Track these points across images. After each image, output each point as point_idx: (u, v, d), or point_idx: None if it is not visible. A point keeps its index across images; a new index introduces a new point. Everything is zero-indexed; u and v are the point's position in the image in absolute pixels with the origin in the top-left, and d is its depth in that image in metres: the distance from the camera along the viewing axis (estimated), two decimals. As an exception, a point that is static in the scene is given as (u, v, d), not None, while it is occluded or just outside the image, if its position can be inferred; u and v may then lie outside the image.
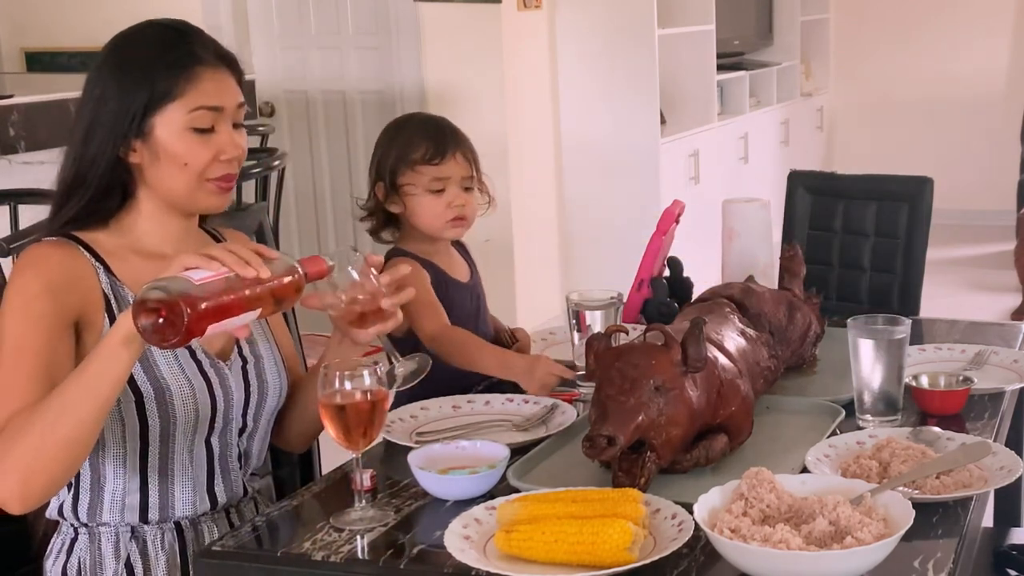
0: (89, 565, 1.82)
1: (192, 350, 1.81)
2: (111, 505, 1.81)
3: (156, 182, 1.80)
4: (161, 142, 1.78)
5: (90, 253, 1.79)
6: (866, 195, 3.18)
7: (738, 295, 2.16)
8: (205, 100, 1.78)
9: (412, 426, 2.03)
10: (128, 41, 1.83)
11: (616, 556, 1.45)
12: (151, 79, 1.77)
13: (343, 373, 1.64)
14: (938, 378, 2.07)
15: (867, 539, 1.43)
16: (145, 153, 1.79)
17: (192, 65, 1.78)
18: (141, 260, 1.82)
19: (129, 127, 1.77)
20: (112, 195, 1.81)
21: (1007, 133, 7.27)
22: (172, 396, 1.78)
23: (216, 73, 1.81)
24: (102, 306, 1.77)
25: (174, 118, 1.77)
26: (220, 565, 1.61)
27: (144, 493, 1.81)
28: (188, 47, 1.80)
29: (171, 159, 1.78)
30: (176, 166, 1.78)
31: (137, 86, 1.77)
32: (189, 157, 1.78)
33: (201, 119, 1.78)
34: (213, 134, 1.80)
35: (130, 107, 1.77)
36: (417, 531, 1.64)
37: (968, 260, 6.83)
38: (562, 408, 2.04)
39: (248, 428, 1.90)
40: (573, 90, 5.75)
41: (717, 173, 6.32)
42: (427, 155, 2.34)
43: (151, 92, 1.77)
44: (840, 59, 8.13)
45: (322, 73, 5.61)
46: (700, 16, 6.24)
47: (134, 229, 1.83)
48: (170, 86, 1.77)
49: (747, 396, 1.85)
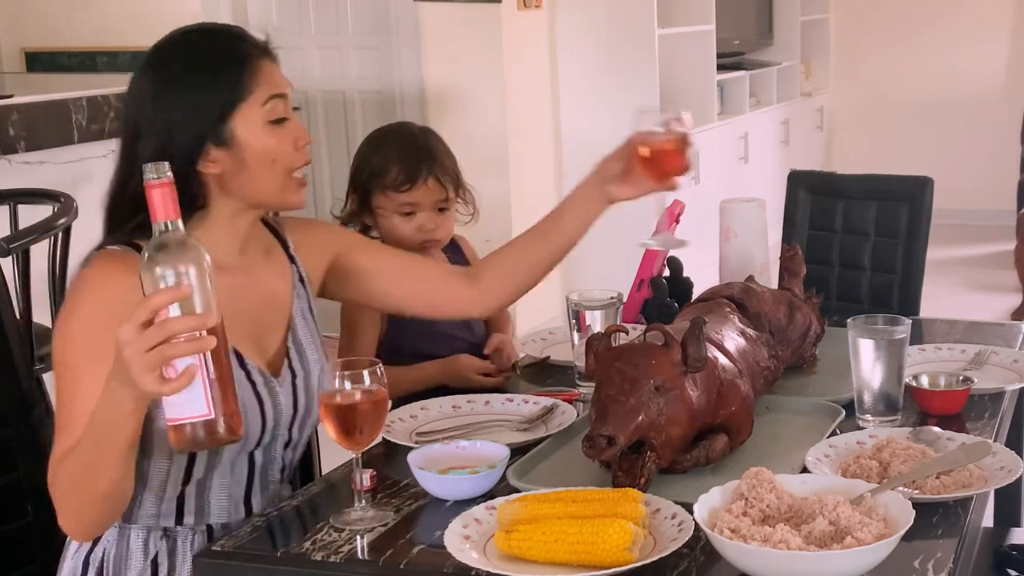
0: (114, 557, 1.80)
1: (248, 370, 1.79)
2: (147, 509, 1.80)
3: (242, 187, 1.77)
4: (245, 144, 1.75)
5: None
6: (866, 195, 3.18)
7: (738, 295, 2.16)
8: (273, 88, 1.77)
9: (412, 426, 2.03)
10: (177, 54, 1.79)
11: (616, 556, 1.45)
12: (218, 85, 1.74)
13: (343, 373, 1.64)
14: (938, 378, 2.07)
15: (867, 539, 1.43)
16: (227, 161, 1.75)
17: (250, 60, 1.77)
18: None
19: (207, 138, 1.73)
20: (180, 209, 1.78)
21: (1007, 133, 7.27)
22: None
23: (268, 62, 1.80)
24: None
25: (251, 116, 1.75)
26: (220, 565, 1.61)
27: (181, 500, 1.81)
28: (237, 44, 1.79)
29: (259, 158, 1.76)
30: (265, 164, 1.76)
31: (207, 96, 1.74)
32: (276, 151, 1.76)
33: (275, 109, 1.77)
34: (287, 122, 1.79)
35: (204, 119, 1.73)
36: (417, 531, 1.64)
37: (968, 260, 6.82)
38: (562, 408, 2.04)
39: (293, 440, 1.88)
40: (573, 90, 5.75)
41: (717, 173, 6.32)
42: (397, 181, 2.33)
43: (223, 98, 1.74)
44: (840, 59, 8.13)
45: (322, 73, 5.62)
46: (700, 16, 6.24)
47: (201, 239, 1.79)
48: (239, 86, 1.75)
49: (747, 396, 1.85)
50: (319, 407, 1.66)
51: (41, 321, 2.99)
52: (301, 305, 1.93)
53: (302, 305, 1.93)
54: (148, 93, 1.75)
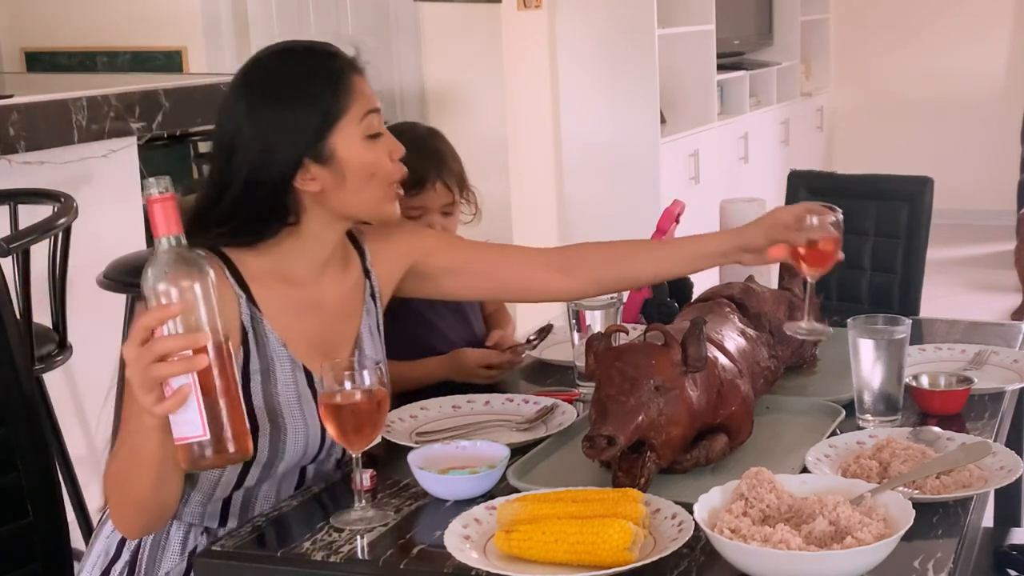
0: (151, 544, 1.81)
1: (315, 389, 1.79)
2: (193, 507, 1.81)
3: (340, 201, 1.79)
4: (344, 159, 1.77)
5: (235, 276, 1.76)
6: (866, 195, 3.18)
7: (738, 295, 2.16)
8: (369, 104, 1.79)
9: (412, 426, 2.03)
10: (271, 72, 1.80)
11: (616, 556, 1.45)
12: (316, 103, 1.75)
13: (343, 373, 1.64)
14: (938, 378, 2.07)
15: (867, 539, 1.43)
16: (327, 177, 1.77)
17: (344, 77, 1.78)
18: (284, 287, 1.81)
19: (306, 155, 1.75)
20: (272, 223, 1.78)
21: (1007, 133, 7.28)
22: (286, 435, 1.79)
23: (360, 77, 1.81)
24: (238, 339, 1.75)
25: (350, 131, 1.77)
26: (220, 565, 1.61)
27: (227, 503, 1.82)
28: (331, 62, 1.80)
29: (358, 173, 1.77)
30: (365, 178, 1.78)
31: (305, 114, 1.75)
32: (376, 165, 1.79)
33: (371, 124, 1.79)
34: (382, 136, 1.81)
35: (303, 136, 1.75)
36: (417, 531, 1.64)
37: (968, 260, 6.83)
38: (562, 408, 2.04)
39: (345, 456, 1.88)
40: (573, 90, 5.75)
41: (717, 173, 6.32)
42: (404, 185, 2.32)
43: (321, 115, 1.75)
44: (840, 59, 8.14)
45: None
46: (700, 16, 6.24)
47: (285, 254, 1.81)
48: (336, 103, 1.76)
49: (747, 396, 1.85)
50: (319, 407, 1.66)
51: (41, 321, 2.99)
52: (369, 321, 1.94)
53: (370, 321, 1.94)
54: (244, 112, 1.76)
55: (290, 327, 1.81)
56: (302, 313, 1.83)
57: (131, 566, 1.81)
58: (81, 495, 3.01)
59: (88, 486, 3.12)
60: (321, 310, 1.85)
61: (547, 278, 2.06)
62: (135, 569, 1.81)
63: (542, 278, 2.06)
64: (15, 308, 2.18)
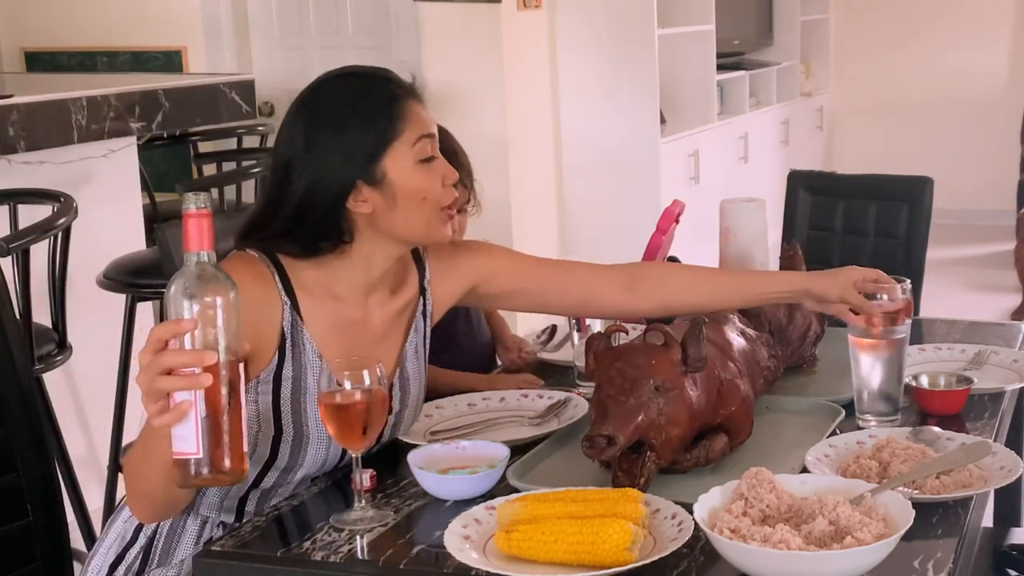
0: (167, 533, 1.83)
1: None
2: (210, 500, 1.83)
3: (391, 224, 1.79)
4: (396, 183, 1.77)
5: (283, 283, 1.77)
6: (866, 195, 3.18)
7: (738, 295, 2.15)
8: (423, 129, 1.80)
9: (427, 425, 2.03)
10: (329, 96, 1.82)
11: (616, 556, 1.45)
12: (370, 127, 1.77)
13: (343, 373, 1.64)
14: (938, 378, 2.07)
15: (867, 539, 1.43)
16: (378, 200, 1.77)
17: (399, 102, 1.80)
18: (332, 302, 1.81)
19: (359, 177, 1.76)
20: (324, 241, 1.79)
21: (1007, 133, 7.27)
22: (309, 444, 1.79)
23: (415, 103, 1.82)
24: (276, 343, 1.76)
25: (402, 155, 1.77)
26: (220, 565, 1.61)
27: (243, 501, 1.84)
28: (387, 87, 1.82)
29: (409, 197, 1.78)
30: (415, 202, 1.78)
31: (359, 137, 1.76)
32: (427, 190, 1.78)
33: (423, 149, 1.79)
34: (435, 160, 1.81)
35: (357, 159, 1.76)
36: (417, 531, 1.64)
37: (968, 260, 6.82)
38: (574, 402, 2.05)
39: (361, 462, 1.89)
40: (573, 90, 5.75)
41: (717, 173, 6.32)
42: None
43: (375, 139, 1.77)
44: (840, 59, 8.13)
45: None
46: (700, 16, 6.24)
47: (335, 270, 1.81)
48: (391, 126, 1.77)
49: (747, 396, 1.85)
50: (319, 407, 1.66)
51: (41, 321, 2.99)
52: (416, 340, 1.94)
53: (417, 340, 1.94)
54: (301, 133, 1.78)
55: (330, 340, 1.81)
56: (345, 329, 1.83)
57: (146, 551, 1.83)
58: (81, 495, 3.01)
59: (88, 486, 3.12)
60: (364, 328, 1.85)
61: (614, 296, 2.04)
62: (150, 555, 1.83)
63: (609, 296, 2.04)
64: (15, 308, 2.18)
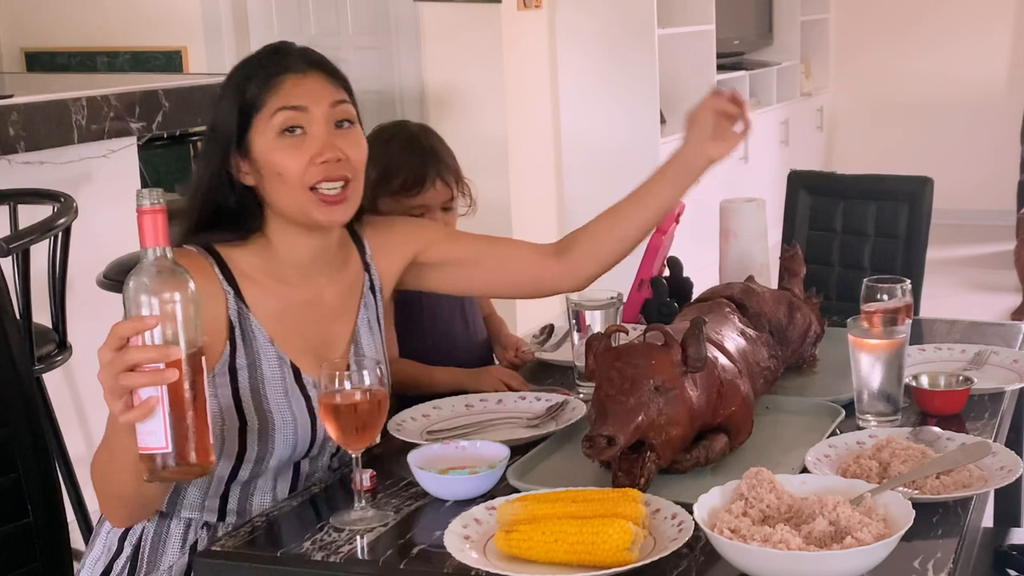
0: (152, 539, 1.82)
1: (303, 385, 1.81)
2: (191, 501, 1.83)
3: (271, 200, 1.80)
4: (259, 155, 1.77)
5: (224, 272, 1.77)
6: (866, 195, 3.18)
7: (738, 295, 2.16)
8: (286, 101, 1.77)
9: (424, 425, 2.03)
10: (233, 69, 1.83)
11: (616, 556, 1.45)
12: (241, 96, 1.77)
13: (343, 373, 1.64)
14: (938, 378, 2.07)
15: (867, 539, 1.43)
16: (253, 172, 1.78)
17: (277, 75, 1.78)
18: (277, 285, 1.82)
19: (230, 148, 1.77)
20: (248, 217, 1.80)
21: (1007, 133, 7.27)
22: (275, 429, 1.79)
23: (302, 77, 1.80)
24: (225, 334, 1.77)
25: (263, 127, 1.77)
26: (220, 565, 1.61)
27: (224, 499, 1.83)
28: (277, 60, 1.80)
29: (269, 171, 1.77)
30: (273, 177, 1.77)
31: (231, 107, 1.78)
32: (283, 165, 1.76)
33: (286, 120, 1.76)
34: (305, 137, 1.78)
35: (228, 128, 1.77)
36: (417, 531, 1.64)
37: (968, 260, 6.82)
38: (572, 404, 2.04)
39: (341, 451, 1.89)
40: (573, 90, 5.75)
41: (717, 173, 6.24)
42: (405, 186, 2.33)
43: (241, 108, 1.77)
44: (840, 59, 8.13)
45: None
46: (700, 16, 6.24)
47: (269, 249, 1.82)
48: (255, 97, 1.77)
49: (747, 396, 1.85)
50: (319, 407, 1.66)
51: (41, 321, 2.99)
52: (368, 315, 1.94)
53: (369, 315, 1.94)
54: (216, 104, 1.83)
55: (280, 324, 1.81)
56: (294, 310, 1.83)
57: (132, 561, 1.82)
58: (81, 495, 3.01)
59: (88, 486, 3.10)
60: (316, 308, 1.86)
61: (548, 266, 2.04)
62: (137, 564, 1.82)
63: (543, 267, 2.04)
64: (15, 308, 2.18)
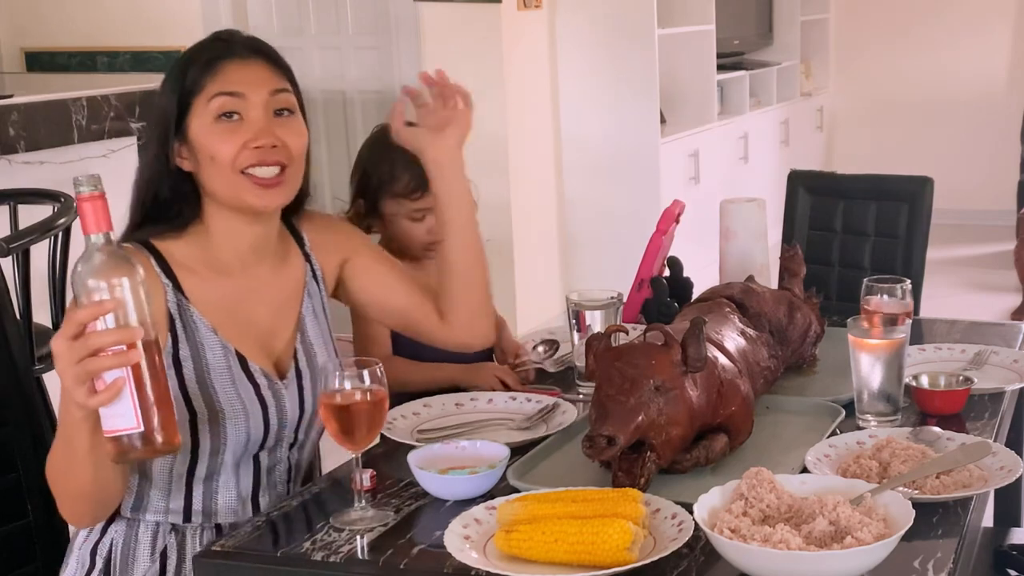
0: (121, 549, 1.81)
1: (251, 373, 1.81)
2: (154, 504, 1.82)
3: (207, 186, 1.80)
4: (194, 139, 1.78)
5: (161, 265, 1.78)
6: (866, 195, 3.18)
7: (738, 295, 2.16)
8: (224, 87, 1.77)
9: (414, 423, 2.03)
10: (181, 54, 1.84)
11: (616, 556, 1.45)
12: (182, 81, 1.78)
13: (343, 373, 1.64)
14: (938, 378, 2.07)
15: (867, 539, 1.43)
16: (190, 157, 1.79)
17: (217, 60, 1.79)
18: (217, 276, 1.82)
19: (170, 131, 1.78)
20: (184, 205, 1.81)
21: (1007, 133, 7.27)
22: (225, 419, 1.79)
23: (244, 64, 1.80)
24: (166, 325, 1.77)
25: (201, 111, 1.77)
26: (220, 565, 1.61)
27: (188, 498, 1.83)
28: (221, 46, 1.81)
29: (204, 155, 1.77)
30: (208, 161, 1.77)
31: (172, 91, 1.79)
32: (215, 148, 1.76)
33: (222, 106, 1.77)
34: (241, 123, 1.78)
35: (168, 112, 1.78)
36: (417, 531, 1.64)
37: (968, 260, 6.82)
38: (563, 407, 2.04)
39: (299, 441, 1.90)
40: (573, 90, 5.75)
41: (717, 173, 6.32)
42: (409, 188, 2.32)
43: (180, 93, 1.78)
44: (840, 59, 8.13)
45: (322, 73, 5.61)
46: (700, 16, 6.24)
47: (207, 239, 1.82)
48: (195, 82, 1.77)
49: (747, 396, 1.85)
50: (319, 407, 1.66)
51: (41, 321, 2.99)
52: (313, 303, 1.93)
53: (314, 303, 1.94)
54: None
55: (223, 313, 1.81)
56: (236, 300, 1.83)
57: (105, 573, 1.81)
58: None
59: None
60: (258, 297, 1.85)
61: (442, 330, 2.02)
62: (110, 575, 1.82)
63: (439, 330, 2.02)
64: (15, 308, 2.18)
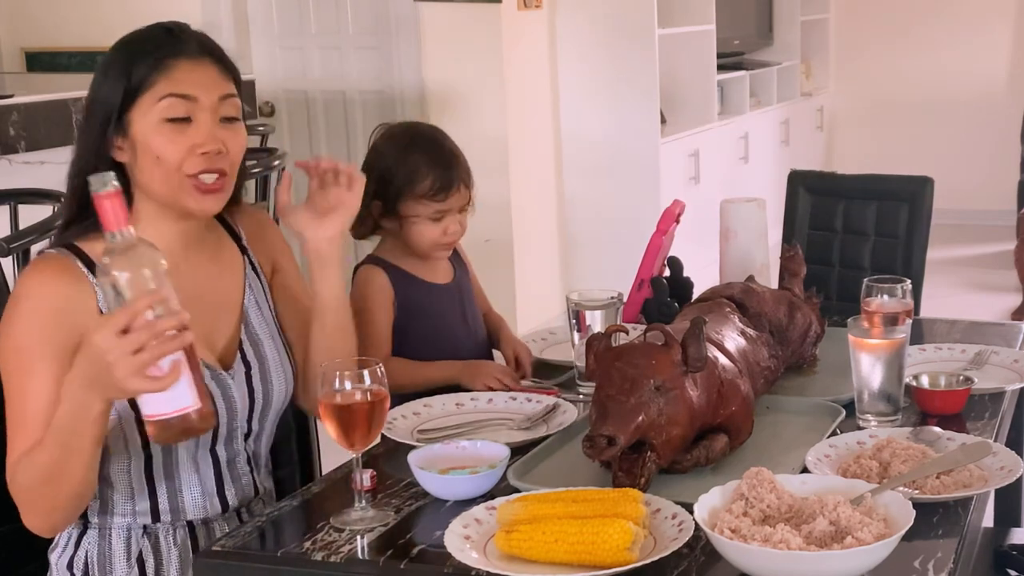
0: (97, 559, 1.81)
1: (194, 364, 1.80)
2: (122, 508, 1.81)
3: (141, 181, 1.77)
4: (138, 136, 1.74)
5: (89, 268, 1.75)
6: (866, 195, 3.18)
7: (738, 295, 2.16)
8: (176, 88, 1.74)
9: (414, 423, 2.03)
10: (122, 42, 1.80)
11: (616, 556, 1.45)
12: (128, 73, 1.74)
13: (343, 373, 1.64)
14: (938, 378, 2.07)
15: (867, 539, 1.43)
16: (128, 150, 1.76)
17: (168, 57, 1.75)
18: None
19: (110, 123, 1.74)
20: None
21: (1007, 133, 7.27)
22: None
23: (195, 64, 1.76)
24: None
25: (147, 109, 1.74)
26: (220, 565, 1.61)
27: (153, 498, 1.82)
28: (170, 41, 1.77)
29: (146, 153, 1.74)
30: (150, 160, 1.74)
31: (116, 82, 1.74)
32: (161, 149, 1.73)
33: (173, 108, 1.73)
34: (189, 125, 1.75)
35: (110, 103, 1.74)
36: (417, 531, 1.64)
37: (968, 260, 6.82)
38: (563, 407, 2.04)
39: (254, 432, 1.90)
40: (573, 90, 5.75)
41: (717, 173, 6.32)
42: (433, 190, 2.31)
43: (127, 85, 1.74)
44: (840, 59, 8.13)
45: (322, 73, 5.61)
46: (700, 16, 6.24)
47: None
48: (143, 78, 1.74)
49: (747, 396, 1.85)
50: (319, 407, 1.66)
51: (41, 321, 2.99)
52: (255, 295, 1.93)
53: (256, 295, 1.93)
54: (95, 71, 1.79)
55: None
56: None
57: None
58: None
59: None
60: (192, 291, 1.79)
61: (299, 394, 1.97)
62: None
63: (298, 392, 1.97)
64: (15, 308, 2.17)
